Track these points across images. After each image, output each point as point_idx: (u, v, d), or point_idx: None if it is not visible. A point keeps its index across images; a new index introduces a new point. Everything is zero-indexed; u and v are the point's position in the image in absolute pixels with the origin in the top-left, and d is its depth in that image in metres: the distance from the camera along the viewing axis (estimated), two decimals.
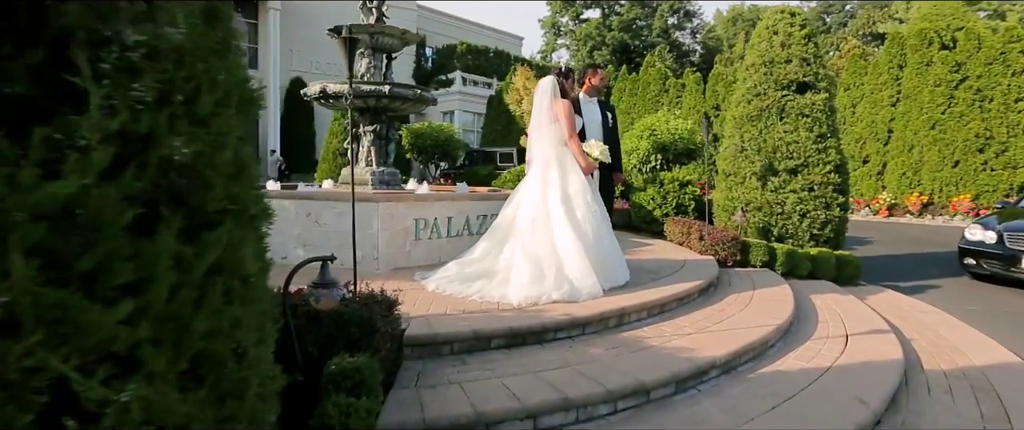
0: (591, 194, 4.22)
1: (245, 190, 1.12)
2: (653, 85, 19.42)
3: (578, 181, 4.21)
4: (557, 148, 4.32)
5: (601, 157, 4.36)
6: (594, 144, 4.39)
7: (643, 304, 3.74)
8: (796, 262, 6.02)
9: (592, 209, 4.17)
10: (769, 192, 6.42)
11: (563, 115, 4.28)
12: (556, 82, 4.39)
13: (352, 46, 2.56)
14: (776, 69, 6.57)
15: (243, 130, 1.09)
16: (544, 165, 4.29)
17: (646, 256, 5.85)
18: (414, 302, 3.60)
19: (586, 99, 4.84)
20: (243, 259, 1.06)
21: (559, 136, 4.33)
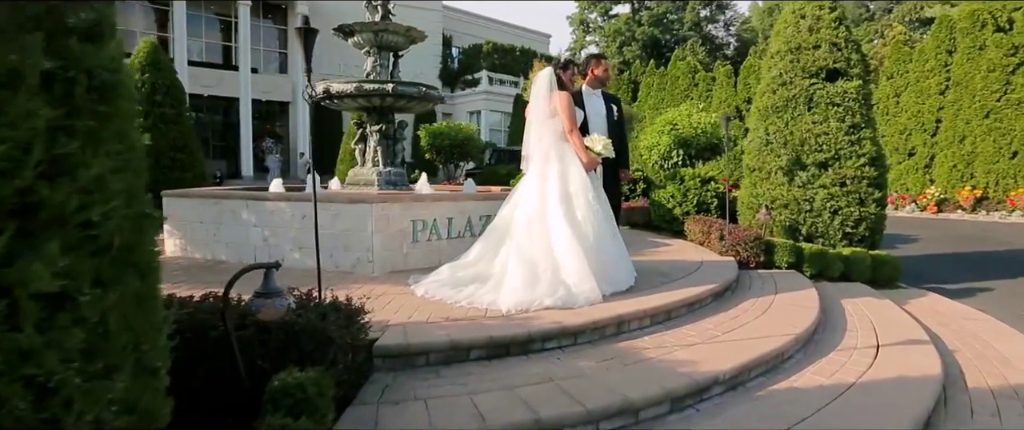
0: (593, 192, 3.94)
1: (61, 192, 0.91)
2: (682, 79, 18.80)
3: (579, 178, 3.94)
4: (557, 143, 4.05)
5: (603, 152, 4.06)
6: (596, 138, 4.10)
7: (645, 311, 3.44)
8: (826, 263, 5.57)
9: (593, 208, 3.89)
10: (796, 188, 5.96)
11: (562, 108, 4.01)
12: (553, 74, 4.12)
13: (308, 38, 2.38)
14: (803, 56, 6.10)
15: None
16: (543, 161, 4.03)
17: (661, 257, 5.51)
18: (398, 309, 3.41)
19: (589, 91, 4.55)
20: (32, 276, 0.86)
21: (558, 131, 4.07)
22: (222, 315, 2.05)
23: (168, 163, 7.94)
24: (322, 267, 4.67)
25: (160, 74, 8.11)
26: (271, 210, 4.78)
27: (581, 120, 4.32)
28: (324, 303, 2.47)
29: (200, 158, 8.59)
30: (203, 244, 5.13)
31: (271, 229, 4.80)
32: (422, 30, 6.64)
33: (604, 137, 4.15)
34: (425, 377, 2.63)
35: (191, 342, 2.15)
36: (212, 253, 5.09)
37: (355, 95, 5.93)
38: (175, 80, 8.33)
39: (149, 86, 7.94)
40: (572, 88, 4.27)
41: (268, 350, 2.20)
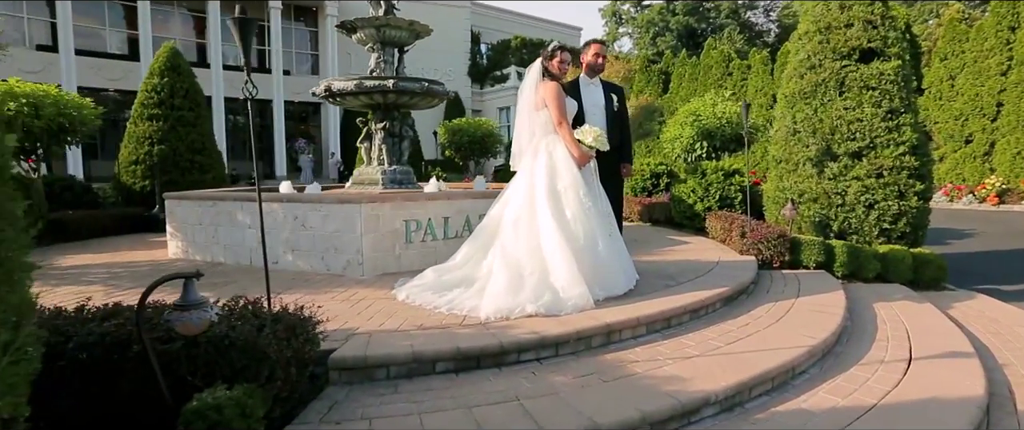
0: (585, 189, 3.64)
1: None
2: (715, 69, 18.01)
3: (569, 174, 3.64)
4: (546, 138, 3.77)
5: (595, 144, 3.74)
6: (587, 129, 3.78)
7: (639, 319, 3.13)
8: (860, 262, 5.07)
9: (585, 207, 3.59)
10: (826, 180, 5.46)
11: (550, 99, 3.72)
12: (542, 64, 3.83)
13: (244, 28, 2.20)
14: (834, 35, 5.58)
15: None
16: (532, 157, 3.76)
17: (675, 257, 5.14)
18: (373, 315, 3.22)
19: (586, 81, 4.23)
20: None
21: (548, 124, 3.78)
22: (137, 328, 1.89)
23: (186, 165, 8.07)
24: (313, 270, 4.59)
25: (179, 78, 8.23)
26: (265, 211, 4.67)
27: (574, 112, 4.02)
28: (266, 313, 2.28)
29: (220, 160, 8.70)
30: (203, 246, 5.10)
31: (265, 230, 4.70)
32: (427, 24, 6.44)
33: (596, 129, 3.82)
34: (381, 393, 2.43)
35: (114, 357, 2.02)
36: (211, 255, 5.05)
37: (356, 92, 5.79)
38: (194, 84, 8.45)
39: (168, 90, 8.07)
40: (562, 78, 3.97)
41: (196, 365, 2.03)
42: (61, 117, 6.54)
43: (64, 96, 6.72)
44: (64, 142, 6.78)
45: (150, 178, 7.74)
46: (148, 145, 7.87)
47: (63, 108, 6.56)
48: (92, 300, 3.18)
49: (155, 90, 8.05)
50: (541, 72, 3.83)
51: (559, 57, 3.86)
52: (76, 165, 17.45)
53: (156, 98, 8.02)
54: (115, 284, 4.13)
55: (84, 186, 7.94)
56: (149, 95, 8.04)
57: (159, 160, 7.78)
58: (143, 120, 7.98)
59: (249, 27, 2.23)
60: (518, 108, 3.93)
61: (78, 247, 6.04)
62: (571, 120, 3.96)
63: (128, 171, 7.92)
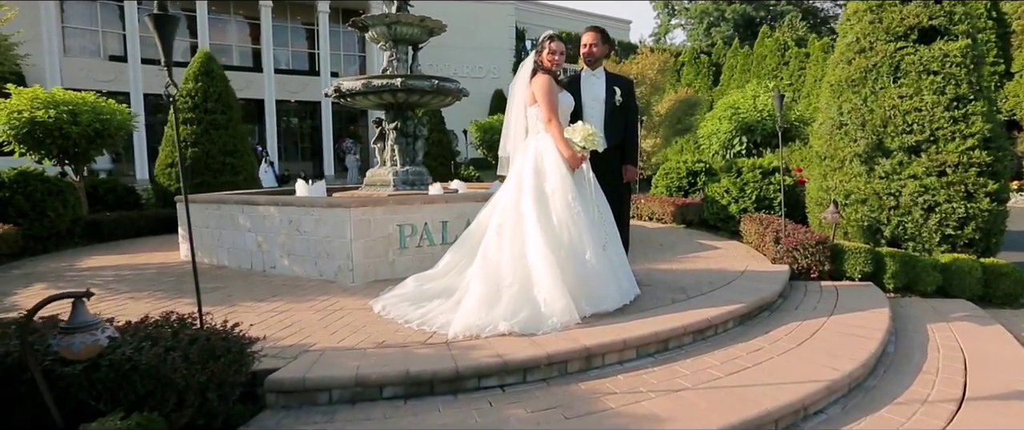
0: (574, 193, 3.27)
1: None
2: (770, 58, 16.87)
3: (557, 176, 3.28)
4: (537, 136, 3.43)
5: (585, 144, 3.35)
6: (578, 127, 3.39)
7: (626, 341, 2.76)
8: (916, 274, 4.41)
9: (573, 211, 3.23)
10: (877, 179, 4.80)
11: (540, 93, 3.37)
12: (535, 59, 3.49)
13: (162, 26, 2.02)
14: (888, 13, 4.89)
15: None
16: (522, 157, 3.43)
17: (697, 265, 4.67)
18: (339, 329, 3.02)
19: (588, 73, 3.84)
20: None
21: (540, 123, 3.43)
22: (23, 350, 1.74)
23: (218, 167, 8.27)
24: (307, 275, 4.47)
25: (213, 82, 8.45)
26: (262, 215, 4.62)
27: (571, 108, 3.65)
28: (187, 333, 2.10)
29: (251, 162, 8.88)
30: (209, 249, 5.12)
31: (263, 235, 4.64)
32: (439, 20, 6.22)
33: (589, 127, 3.43)
34: (315, 421, 2.20)
35: (12, 378, 1.89)
36: (216, 258, 5.06)
37: (364, 92, 5.66)
38: (227, 87, 8.65)
39: (201, 94, 8.30)
40: (556, 71, 3.60)
41: (98, 390, 1.87)
42: (97, 123, 6.81)
43: (100, 103, 7.00)
44: (101, 146, 7.07)
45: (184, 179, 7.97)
46: (182, 148, 8.11)
47: (99, 114, 6.84)
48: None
49: (190, 95, 8.29)
50: (533, 67, 3.49)
51: (548, 48, 3.50)
52: (142, 167, 18.60)
53: (190, 102, 8.26)
54: (114, 288, 4.16)
55: (127, 188, 8.30)
56: (184, 100, 8.29)
57: (191, 162, 8.00)
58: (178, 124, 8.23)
59: (168, 24, 2.05)
60: (510, 105, 3.61)
61: (108, 248, 6.26)
62: (568, 117, 3.61)
63: (164, 173, 8.21)
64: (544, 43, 3.51)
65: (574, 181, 3.37)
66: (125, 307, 3.58)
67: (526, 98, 3.45)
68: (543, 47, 3.49)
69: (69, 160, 6.95)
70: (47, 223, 5.98)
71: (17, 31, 4.92)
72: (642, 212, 8.18)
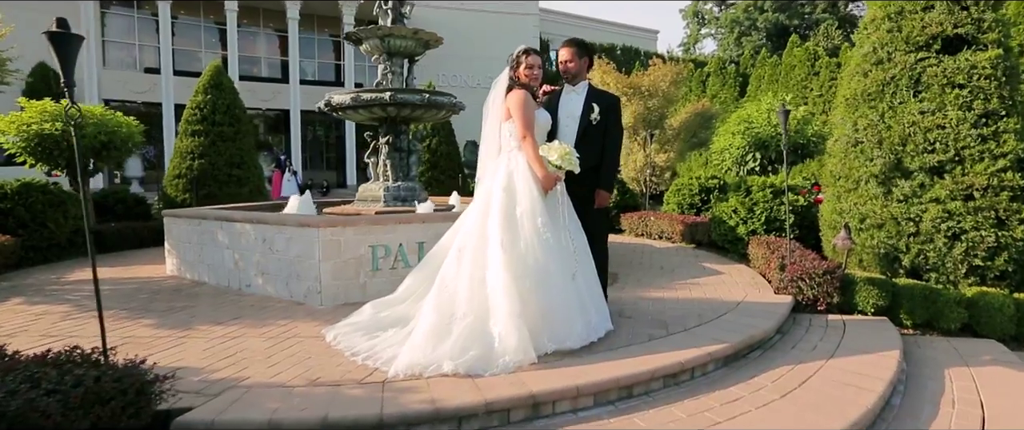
0: (544, 218, 3.02)
1: None
2: (799, 69, 16.18)
3: (527, 198, 3.04)
4: (510, 154, 3.20)
5: (561, 164, 3.10)
6: (554, 146, 3.15)
7: (580, 388, 2.47)
8: (937, 309, 3.97)
9: (541, 238, 2.97)
10: (895, 202, 4.37)
11: (515, 109, 3.15)
12: (509, 74, 3.27)
13: (61, 45, 1.88)
14: (908, 21, 4.49)
15: None
16: (492, 176, 3.20)
17: (691, 294, 4.33)
18: (278, 361, 2.83)
19: (568, 89, 3.58)
20: None
21: (514, 140, 3.20)
22: None
23: (224, 178, 8.32)
24: (278, 296, 4.32)
25: (221, 95, 8.54)
26: (239, 232, 4.51)
27: (548, 126, 3.41)
28: (74, 376, 1.93)
29: (258, 174, 8.92)
30: (191, 265, 5.05)
31: (239, 252, 4.54)
32: (434, 32, 6.09)
33: (566, 146, 3.19)
34: None
35: None
36: (198, 274, 4.99)
37: (354, 106, 5.55)
38: (235, 100, 8.73)
39: (210, 107, 8.39)
40: (533, 86, 3.37)
41: None
42: (103, 135, 6.92)
43: (107, 116, 7.12)
44: (108, 158, 7.18)
45: (190, 191, 8.05)
46: (190, 160, 8.21)
47: (104, 127, 6.94)
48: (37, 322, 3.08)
49: (199, 107, 8.40)
50: (508, 82, 3.27)
51: (525, 62, 3.28)
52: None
53: (199, 115, 8.36)
54: (84, 305, 4.10)
55: (137, 198, 8.43)
56: (193, 112, 8.40)
57: (198, 174, 8.07)
58: (187, 136, 8.35)
59: (69, 44, 1.92)
60: (485, 122, 3.37)
61: (106, 259, 6.30)
62: (544, 135, 3.37)
63: (172, 184, 8.30)
64: (520, 57, 3.29)
65: (547, 204, 3.13)
66: (85, 326, 3.50)
67: (501, 114, 3.22)
68: (519, 62, 3.27)
69: (76, 172, 7.06)
70: (46, 234, 6.06)
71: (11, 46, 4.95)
72: (651, 230, 7.82)
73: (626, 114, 8.82)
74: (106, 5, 20.50)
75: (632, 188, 9.24)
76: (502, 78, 3.29)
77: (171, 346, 3.10)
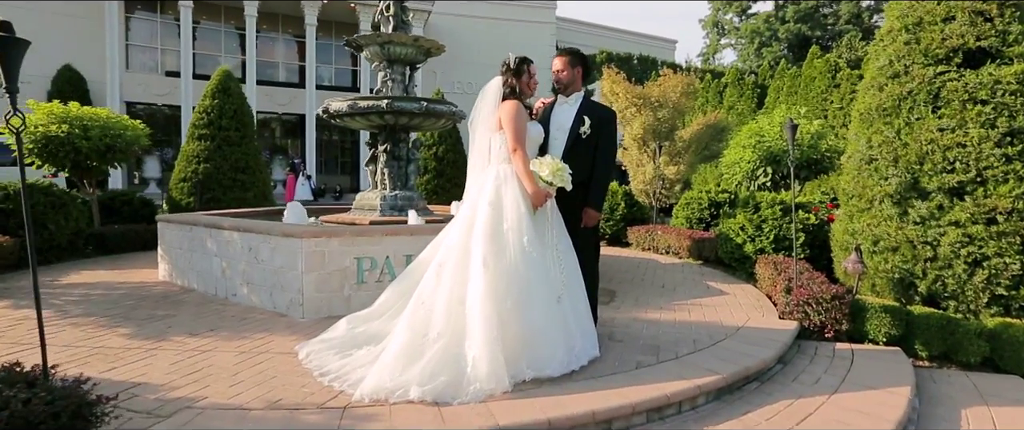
0: (531, 235, 2.86)
1: None
2: (819, 81, 15.79)
3: (514, 214, 2.88)
4: (500, 166, 3.04)
5: (552, 180, 2.95)
6: (546, 161, 3.00)
7: (552, 421, 2.29)
8: (956, 340, 3.70)
9: (528, 257, 2.81)
10: (911, 225, 4.12)
11: (507, 119, 2.99)
12: (503, 83, 3.12)
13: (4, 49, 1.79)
14: (926, 33, 4.24)
15: None
16: (478, 189, 3.05)
17: (690, 316, 4.12)
18: (242, 380, 2.71)
19: (562, 100, 3.42)
20: None
21: (504, 152, 3.05)
22: None
23: (229, 183, 8.31)
24: (262, 306, 4.21)
25: (228, 100, 8.56)
26: (227, 240, 4.44)
27: (540, 139, 3.26)
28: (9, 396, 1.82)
29: (263, 178, 8.90)
30: (182, 271, 4.99)
31: (227, 260, 4.46)
32: (436, 40, 6.00)
33: (557, 161, 3.03)
34: None
35: None
36: (187, 281, 4.92)
37: (351, 113, 5.46)
38: (243, 105, 8.74)
39: (217, 111, 8.41)
40: (526, 99, 3.23)
41: None
42: (107, 138, 6.96)
43: (112, 119, 7.17)
44: (112, 160, 7.21)
45: (195, 195, 8.06)
46: (195, 163, 8.22)
47: (110, 130, 6.98)
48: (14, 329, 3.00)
49: (206, 111, 8.42)
50: (499, 92, 3.11)
51: (528, 72, 3.15)
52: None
53: (206, 119, 8.38)
54: (67, 310, 4.04)
55: (144, 200, 8.46)
56: (200, 116, 8.43)
57: (203, 178, 8.08)
58: (193, 140, 8.37)
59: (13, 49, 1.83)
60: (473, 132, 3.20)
61: (104, 262, 6.30)
62: (536, 149, 3.22)
63: (177, 188, 8.32)
64: (522, 66, 3.13)
65: (535, 221, 2.97)
66: (59, 335, 3.42)
67: (492, 124, 3.07)
68: (521, 70, 3.12)
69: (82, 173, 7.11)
70: (46, 236, 6.08)
71: None
72: (658, 244, 7.60)
73: (634, 125, 8.63)
74: (130, 9, 20.98)
75: (641, 201, 9.02)
76: (493, 87, 3.13)
77: (139, 359, 3.01)
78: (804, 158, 6.25)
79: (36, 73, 18.84)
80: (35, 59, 18.86)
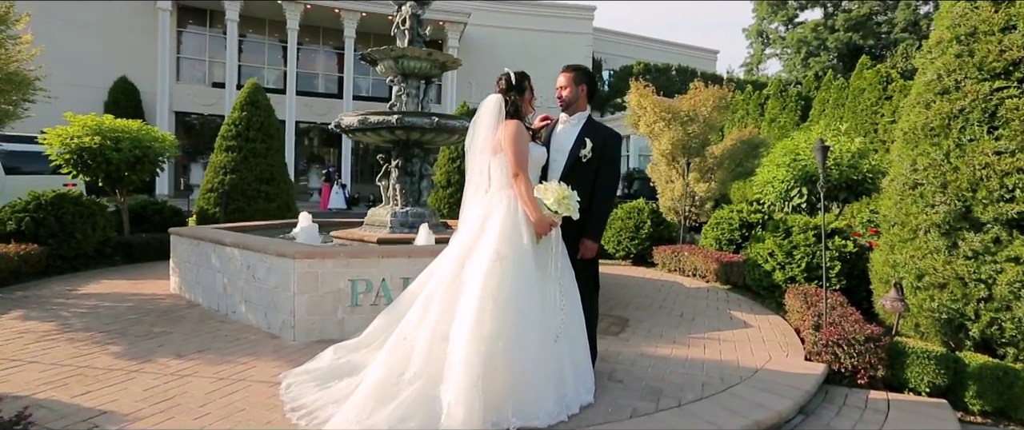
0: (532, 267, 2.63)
1: None
2: (869, 93, 14.86)
3: (516, 244, 2.64)
4: (502, 192, 2.82)
5: (558, 207, 2.71)
6: (552, 187, 2.75)
7: None
8: (1015, 395, 3.24)
9: (525, 291, 2.57)
10: (962, 259, 3.66)
11: (507, 141, 2.76)
12: (503, 100, 2.91)
13: None
14: (981, 45, 3.79)
15: None
16: (475, 219, 2.82)
17: (706, 352, 3.78)
18: (209, 412, 2.58)
19: (565, 120, 3.19)
20: None
21: (505, 175, 2.83)
22: None
23: (253, 194, 8.44)
24: (258, 325, 4.12)
25: (256, 112, 8.72)
26: (228, 256, 4.39)
27: (542, 162, 3.04)
28: None
29: (287, 190, 9.00)
30: (190, 285, 5.00)
31: (228, 277, 4.41)
32: (452, 54, 5.89)
33: (565, 188, 2.79)
34: None
35: None
36: (194, 295, 4.92)
37: (362, 128, 5.39)
38: (270, 118, 8.89)
39: (244, 123, 8.57)
40: (527, 119, 3.02)
41: None
42: (137, 149, 7.16)
43: (143, 131, 7.37)
44: (141, 171, 7.41)
45: (220, 206, 8.21)
46: (222, 174, 8.38)
47: (139, 142, 7.18)
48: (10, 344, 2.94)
49: (234, 123, 8.60)
50: (501, 110, 2.90)
51: (529, 87, 2.95)
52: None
53: (234, 131, 8.55)
54: (70, 323, 4.07)
55: (174, 209, 8.68)
56: (229, 128, 8.61)
57: (228, 188, 8.22)
58: (222, 151, 8.55)
59: None
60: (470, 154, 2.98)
61: (126, 271, 6.43)
62: (538, 172, 3.00)
63: (205, 198, 8.51)
64: (524, 82, 2.93)
65: (536, 253, 2.74)
66: (51, 351, 3.42)
67: (491, 145, 2.85)
68: (524, 86, 2.92)
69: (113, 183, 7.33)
70: (74, 244, 6.25)
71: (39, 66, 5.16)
72: (684, 266, 7.20)
73: (663, 140, 8.27)
74: (182, 24, 22.02)
75: (670, 218, 8.62)
76: (491, 105, 2.90)
77: (117, 382, 2.94)
78: (843, 178, 5.76)
79: (95, 84, 20.02)
80: (96, 71, 20.09)
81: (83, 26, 20.10)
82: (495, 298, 2.53)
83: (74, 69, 19.59)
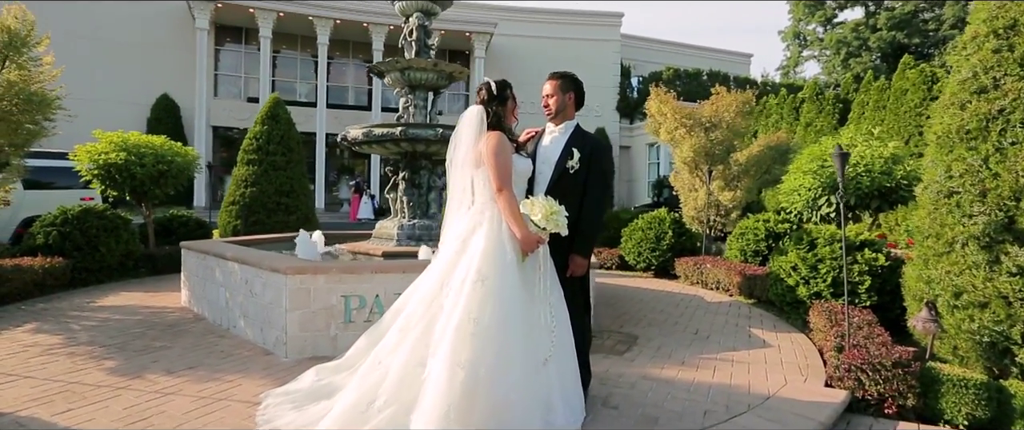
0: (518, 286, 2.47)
1: None
2: (912, 94, 14.06)
3: (500, 262, 2.47)
4: (485, 208, 2.67)
5: (545, 224, 2.54)
6: (538, 202, 2.58)
7: None
8: None
9: (510, 312, 2.41)
10: (1005, 276, 3.29)
11: (489, 154, 2.61)
12: (484, 111, 2.77)
13: None
14: (1023, 38, 3.44)
15: None
16: (456, 236, 2.69)
17: (716, 375, 3.52)
18: None
19: (551, 130, 3.02)
20: None
21: (488, 191, 2.68)
22: None
23: (273, 206, 8.56)
24: (254, 341, 4.09)
25: (276, 125, 8.87)
26: (230, 270, 4.39)
27: (528, 175, 2.88)
28: None
29: (306, 202, 9.10)
30: (198, 298, 5.04)
31: (230, 291, 4.41)
32: (459, 65, 5.81)
33: (553, 203, 2.62)
34: None
35: None
36: (201, 309, 4.95)
37: (367, 141, 5.36)
38: (290, 131, 9.03)
39: (265, 137, 8.72)
40: (511, 129, 2.87)
41: None
42: (161, 165, 7.35)
43: (166, 148, 7.57)
44: (165, 186, 7.60)
45: (241, 218, 8.35)
46: (243, 187, 8.54)
47: (162, 157, 7.38)
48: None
49: (255, 137, 8.77)
50: (482, 120, 2.76)
51: (512, 96, 2.82)
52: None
53: (255, 144, 8.72)
54: (76, 338, 4.12)
55: (199, 222, 8.89)
56: (250, 141, 8.78)
57: (249, 201, 8.36)
58: (243, 164, 8.72)
59: None
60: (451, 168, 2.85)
61: (145, 284, 6.57)
62: (524, 186, 2.84)
63: (227, 210, 8.68)
64: (506, 91, 2.80)
65: (523, 271, 2.58)
66: (49, 366, 3.45)
67: (473, 158, 2.71)
68: (506, 96, 2.78)
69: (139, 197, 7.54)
70: (98, 257, 6.43)
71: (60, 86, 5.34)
72: (706, 279, 6.89)
73: (684, 147, 7.98)
74: (220, 42, 22.89)
75: (693, 228, 8.29)
76: (472, 117, 2.75)
77: (100, 400, 2.92)
78: (875, 186, 5.36)
79: (140, 101, 20.97)
80: (140, 89, 21.04)
81: (127, 47, 21.12)
82: (477, 321, 2.37)
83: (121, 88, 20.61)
